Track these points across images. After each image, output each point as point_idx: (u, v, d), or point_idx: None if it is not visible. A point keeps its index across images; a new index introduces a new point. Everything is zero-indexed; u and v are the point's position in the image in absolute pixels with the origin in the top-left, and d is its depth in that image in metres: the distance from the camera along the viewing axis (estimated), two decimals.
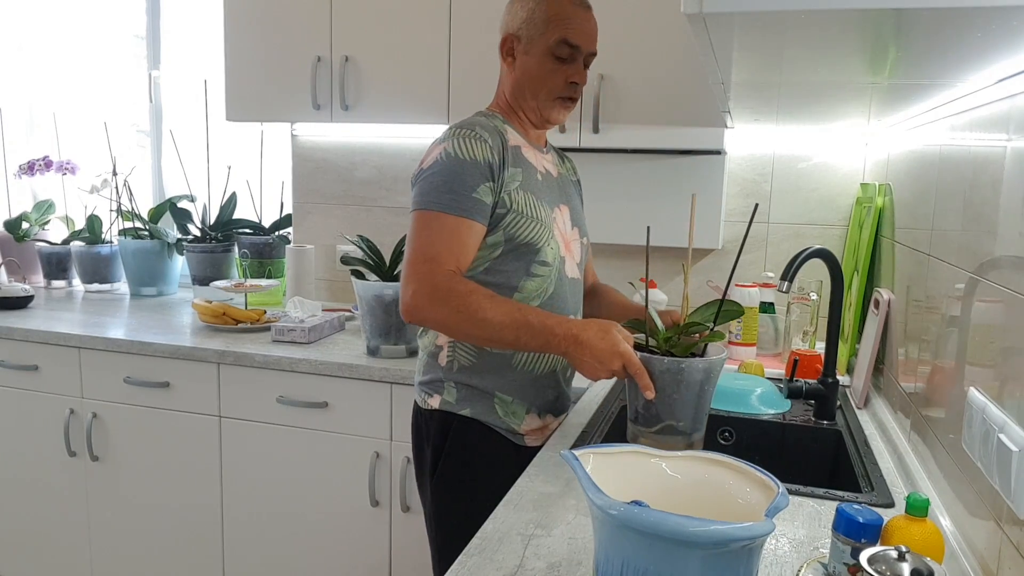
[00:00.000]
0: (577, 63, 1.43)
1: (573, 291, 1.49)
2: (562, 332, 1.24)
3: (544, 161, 1.50)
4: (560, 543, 1.05)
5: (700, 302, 2.36)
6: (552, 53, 1.40)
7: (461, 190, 1.32)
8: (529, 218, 1.38)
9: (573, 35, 1.40)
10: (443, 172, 1.33)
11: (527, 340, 1.26)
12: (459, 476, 1.42)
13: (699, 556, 0.73)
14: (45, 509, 2.33)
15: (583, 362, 1.23)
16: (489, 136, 1.36)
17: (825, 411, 1.62)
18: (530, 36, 1.41)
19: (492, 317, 1.25)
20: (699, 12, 0.72)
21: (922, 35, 0.80)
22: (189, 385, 2.12)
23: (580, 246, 1.54)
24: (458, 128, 1.37)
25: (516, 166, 1.40)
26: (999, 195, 1.00)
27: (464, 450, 1.42)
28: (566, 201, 1.52)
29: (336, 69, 2.28)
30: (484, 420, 1.42)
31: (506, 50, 1.45)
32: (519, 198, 1.38)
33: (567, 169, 1.62)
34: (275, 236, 2.76)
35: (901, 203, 1.69)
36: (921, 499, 0.90)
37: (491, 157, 1.35)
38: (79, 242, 2.89)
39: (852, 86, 1.22)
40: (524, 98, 1.45)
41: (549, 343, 1.25)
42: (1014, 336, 0.91)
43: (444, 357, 1.44)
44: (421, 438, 1.48)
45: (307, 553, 2.10)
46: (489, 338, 1.28)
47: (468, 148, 1.34)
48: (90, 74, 3.15)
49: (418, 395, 1.49)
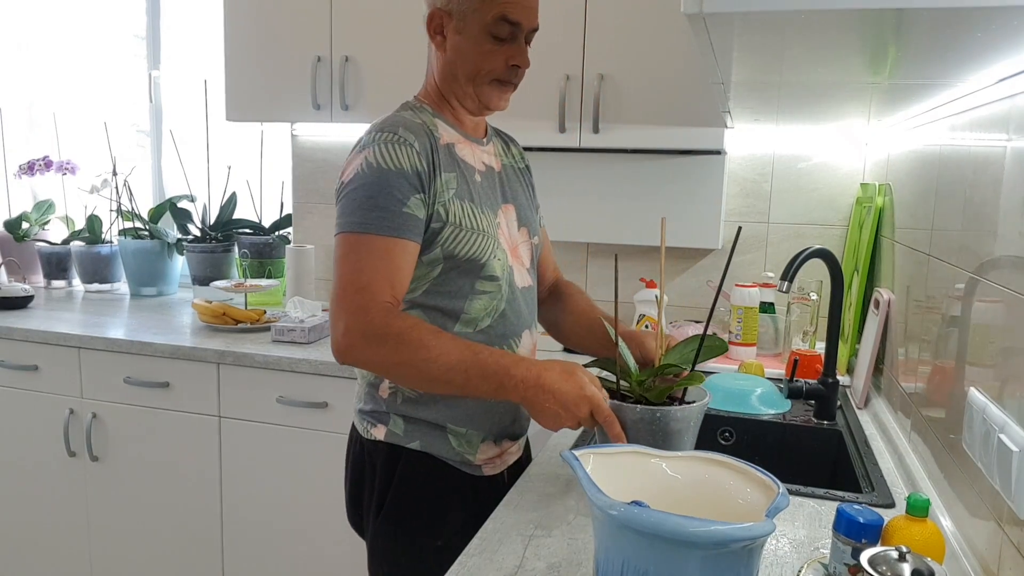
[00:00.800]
0: (518, 42, 1.25)
1: (527, 302, 1.34)
2: (520, 374, 1.08)
3: (483, 155, 1.33)
4: (560, 543, 1.04)
5: (699, 302, 2.39)
6: (489, 32, 1.22)
7: (389, 205, 1.15)
8: (469, 230, 1.22)
9: (513, 11, 1.22)
10: (367, 186, 1.16)
11: (478, 383, 1.09)
12: (410, 512, 1.26)
13: (699, 556, 0.73)
14: (45, 509, 2.33)
15: (544, 409, 1.08)
16: (415, 139, 1.19)
17: (825, 411, 1.62)
18: (462, 12, 1.23)
19: (437, 358, 1.09)
20: (699, 12, 0.71)
21: (922, 35, 0.80)
22: (189, 385, 2.12)
23: (529, 248, 1.38)
24: (379, 132, 1.20)
25: (450, 170, 1.23)
26: (999, 195, 1.00)
27: (414, 486, 1.26)
28: (511, 199, 1.35)
29: (336, 69, 2.27)
30: (435, 454, 1.26)
31: (434, 28, 1.26)
32: (455, 208, 1.21)
33: (513, 157, 1.43)
34: (275, 236, 2.76)
35: (901, 203, 1.69)
36: (922, 499, 0.90)
37: (419, 164, 1.18)
38: (79, 242, 2.89)
39: (852, 86, 1.22)
40: (457, 83, 1.27)
41: (504, 386, 1.09)
42: (1014, 336, 0.91)
43: (386, 388, 1.27)
44: (362, 470, 1.31)
45: (307, 553, 2.10)
46: (434, 380, 1.11)
47: (392, 156, 1.17)
48: (90, 74, 3.15)
49: (359, 422, 1.32)
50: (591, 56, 2.05)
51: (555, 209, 2.22)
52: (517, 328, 1.30)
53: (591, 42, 2.05)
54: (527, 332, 1.33)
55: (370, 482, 1.29)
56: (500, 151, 1.40)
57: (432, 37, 1.27)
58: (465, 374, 1.09)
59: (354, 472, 1.33)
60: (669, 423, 1.09)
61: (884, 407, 1.65)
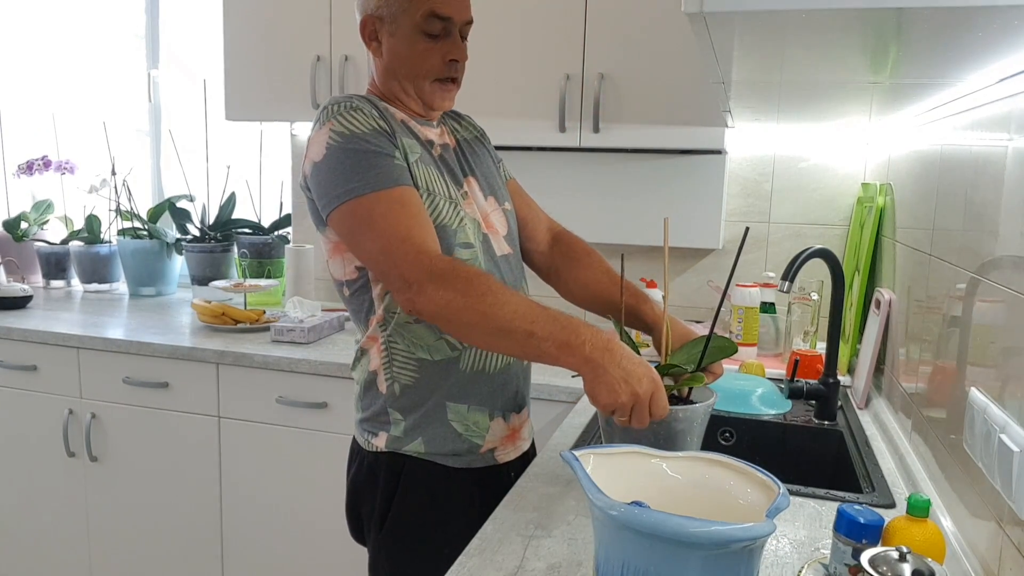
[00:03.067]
0: (453, 37, 1.24)
1: (509, 270, 1.30)
2: (588, 333, 1.02)
3: (436, 135, 1.31)
4: (560, 543, 1.04)
5: (701, 302, 2.39)
6: (421, 30, 1.21)
7: (379, 162, 1.13)
8: (438, 195, 1.20)
9: (441, 6, 1.21)
10: (347, 152, 1.13)
11: (544, 335, 1.02)
12: (415, 523, 1.23)
13: (700, 557, 0.73)
14: (44, 509, 2.33)
15: (605, 376, 1.00)
16: (370, 106, 1.19)
17: (826, 411, 1.62)
18: (393, 15, 1.22)
19: (505, 303, 1.04)
20: (699, 12, 0.71)
21: (922, 34, 0.80)
22: (188, 385, 2.12)
23: (502, 215, 1.34)
24: (332, 105, 1.17)
25: (409, 137, 1.22)
26: (1000, 195, 1.00)
27: (419, 495, 1.23)
28: (471, 171, 1.33)
29: (336, 69, 2.27)
30: (440, 451, 1.23)
31: (368, 34, 1.26)
32: (422, 172, 1.20)
33: (464, 127, 1.41)
34: (274, 236, 2.76)
35: (902, 203, 1.68)
36: (922, 500, 0.90)
37: (382, 124, 1.17)
38: (78, 242, 2.89)
39: (853, 85, 1.22)
40: (399, 86, 1.26)
41: (569, 344, 1.01)
42: (1015, 336, 0.90)
43: (383, 382, 1.25)
44: (364, 482, 1.28)
45: (306, 553, 2.09)
46: (498, 328, 1.04)
47: (356, 120, 1.15)
48: (89, 74, 3.15)
49: (359, 434, 1.30)
50: (591, 56, 2.05)
51: (555, 209, 2.20)
52: None
53: (591, 42, 2.05)
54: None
55: (372, 494, 1.27)
56: (452, 128, 1.38)
57: (368, 44, 1.27)
58: (532, 323, 1.03)
59: (355, 484, 1.31)
60: (672, 423, 1.07)
61: (885, 407, 1.65)
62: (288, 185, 2.80)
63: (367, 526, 1.30)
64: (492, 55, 2.11)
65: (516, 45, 2.10)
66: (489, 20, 2.11)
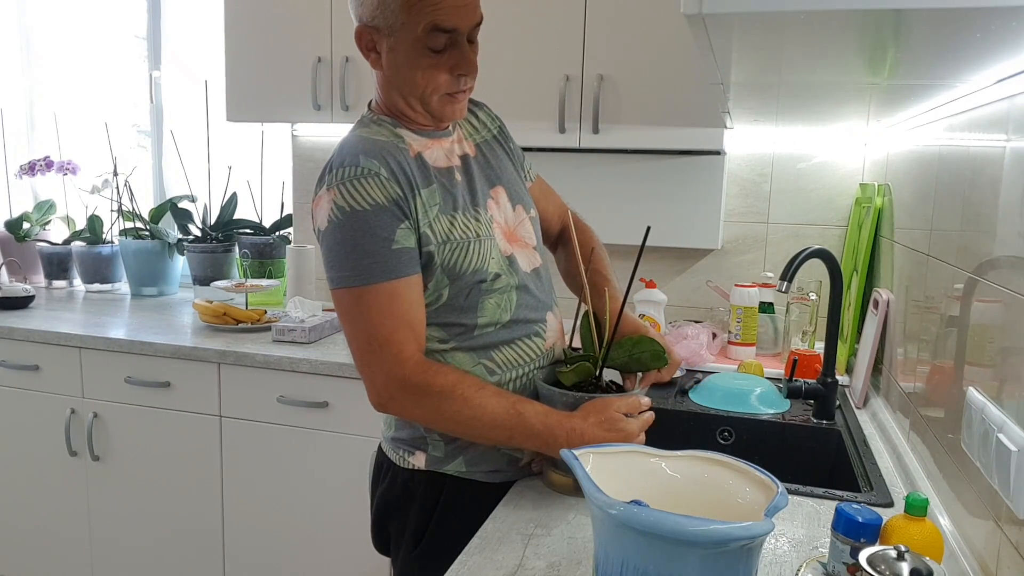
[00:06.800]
0: (459, 47, 1.13)
1: (538, 284, 1.26)
2: (563, 434, 1.08)
3: (455, 147, 1.23)
4: (560, 542, 1.05)
5: (699, 302, 2.39)
6: (425, 46, 1.11)
7: (376, 248, 1.08)
8: (464, 241, 1.15)
9: (444, 17, 1.09)
10: (346, 234, 1.08)
11: (519, 442, 1.12)
12: (452, 542, 1.15)
13: (698, 555, 0.73)
14: (46, 509, 2.34)
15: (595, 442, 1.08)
16: (380, 164, 1.10)
17: (824, 411, 1.62)
18: (391, 27, 1.12)
19: (481, 416, 1.09)
20: (699, 13, 0.72)
21: (921, 35, 0.80)
22: (190, 385, 2.13)
23: (528, 223, 1.28)
24: (339, 168, 1.10)
25: (428, 183, 1.14)
26: (998, 195, 1.00)
27: (458, 515, 1.20)
28: (496, 179, 1.26)
29: (337, 69, 2.28)
30: (480, 469, 1.21)
31: (364, 45, 1.16)
32: (443, 226, 1.14)
33: (482, 124, 1.32)
34: (276, 236, 2.76)
35: (900, 203, 1.69)
36: (920, 499, 0.91)
37: (394, 191, 1.09)
38: (80, 242, 2.89)
39: (851, 86, 1.22)
40: (404, 102, 1.17)
41: (548, 445, 1.10)
42: (1013, 336, 0.91)
43: None
44: (396, 499, 1.25)
45: (307, 553, 2.10)
46: (477, 436, 1.13)
47: (360, 194, 1.08)
48: (91, 74, 3.15)
49: (392, 451, 1.26)
50: (591, 56, 2.06)
51: None
52: (539, 313, 1.25)
53: (591, 42, 2.05)
54: (550, 314, 1.27)
55: (405, 510, 1.24)
56: (469, 131, 1.29)
57: (365, 55, 1.17)
58: (509, 432, 1.11)
59: (385, 498, 1.28)
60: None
61: (883, 407, 1.65)
62: (289, 186, 2.81)
63: (396, 540, 1.28)
64: (492, 56, 2.10)
65: (516, 46, 2.10)
66: (489, 21, 2.10)
